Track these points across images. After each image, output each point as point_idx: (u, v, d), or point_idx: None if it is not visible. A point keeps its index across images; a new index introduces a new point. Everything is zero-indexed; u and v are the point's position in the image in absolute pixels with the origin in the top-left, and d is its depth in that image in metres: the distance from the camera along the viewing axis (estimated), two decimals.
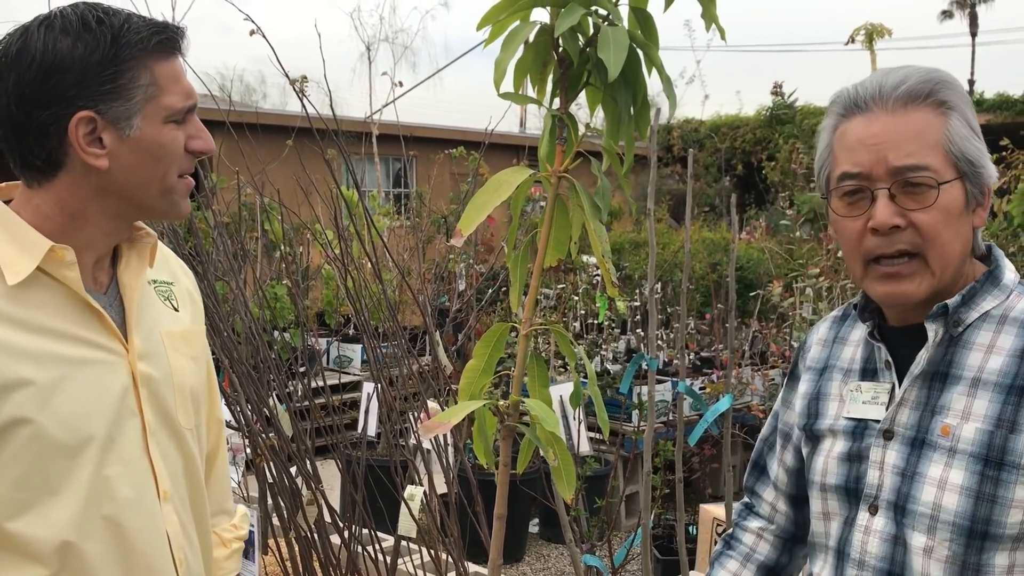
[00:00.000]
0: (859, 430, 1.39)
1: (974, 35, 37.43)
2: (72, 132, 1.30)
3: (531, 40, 1.49)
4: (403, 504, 2.87)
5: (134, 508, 1.37)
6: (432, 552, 3.06)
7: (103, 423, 1.34)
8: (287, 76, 2.93)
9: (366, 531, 3.19)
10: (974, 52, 36.32)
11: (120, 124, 1.32)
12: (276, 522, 3.24)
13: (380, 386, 3.22)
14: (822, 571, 1.43)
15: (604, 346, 6.64)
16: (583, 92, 1.57)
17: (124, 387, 1.38)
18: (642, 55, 1.48)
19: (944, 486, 1.27)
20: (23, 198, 1.36)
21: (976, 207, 1.33)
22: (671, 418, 5.59)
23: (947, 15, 39.61)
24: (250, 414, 3.03)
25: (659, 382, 5.70)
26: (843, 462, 1.39)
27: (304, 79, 3.90)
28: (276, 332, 4.69)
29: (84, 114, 1.30)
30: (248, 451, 3.24)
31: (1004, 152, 7.59)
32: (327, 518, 3.06)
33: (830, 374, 1.48)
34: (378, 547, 3.14)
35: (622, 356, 6.76)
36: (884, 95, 1.31)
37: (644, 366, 2.97)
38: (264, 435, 3.00)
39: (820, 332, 1.55)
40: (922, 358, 1.33)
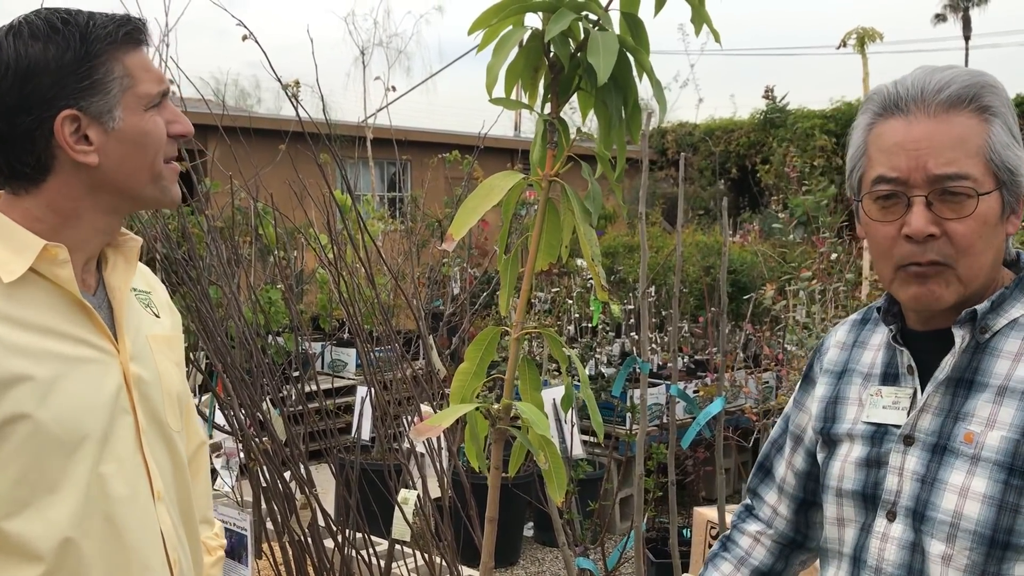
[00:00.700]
0: (878, 435, 1.36)
1: (967, 38, 37.57)
2: (58, 133, 1.32)
3: (522, 45, 1.50)
4: (397, 508, 2.87)
5: (129, 506, 1.38)
6: (426, 556, 3.06)
7: (98, 421, 1.35)
8: (279, 81, 2.93)
9: (360, 535, 3.19)
10: (967, 55, 36.45)
11: (103, 118, 1.34)
12: (270, 526, 3.24)
13: (374, 390, 3.22)
14: None
15: (598, 349, 6.65)
16: (576, 96, 1.57)
17: (117, 386, 1.40)
18: (633, 60, 1.49)
19: (966, 494, 1.24)
20: (8, 204, 1.37)
21: (1010, 215, 1.30)
22: (664, 421, 5.60)
23: (940, 18, 39.77)
24: (244, 418, 3.03)
25: (652, 385, 5.71)
26: (861, 467, 1.36)
27: (297, 83, 3.91)
28: (270, 336, 4.69)
29: (67, 113, 1.32)
30: (242, 456, 3.24)
31: None
32: (321, 522, 3.06)
33: (849, 378, 1.45)
34: (372, 551, 3.15)
35: (616, 359, 6.76)
36: (926, 98, 1.26)
37: (637, 369, 2.98)
38: (258, 439, 3.00)
39: (839, 335, 1.52)
40: (948, 363, 1.30)
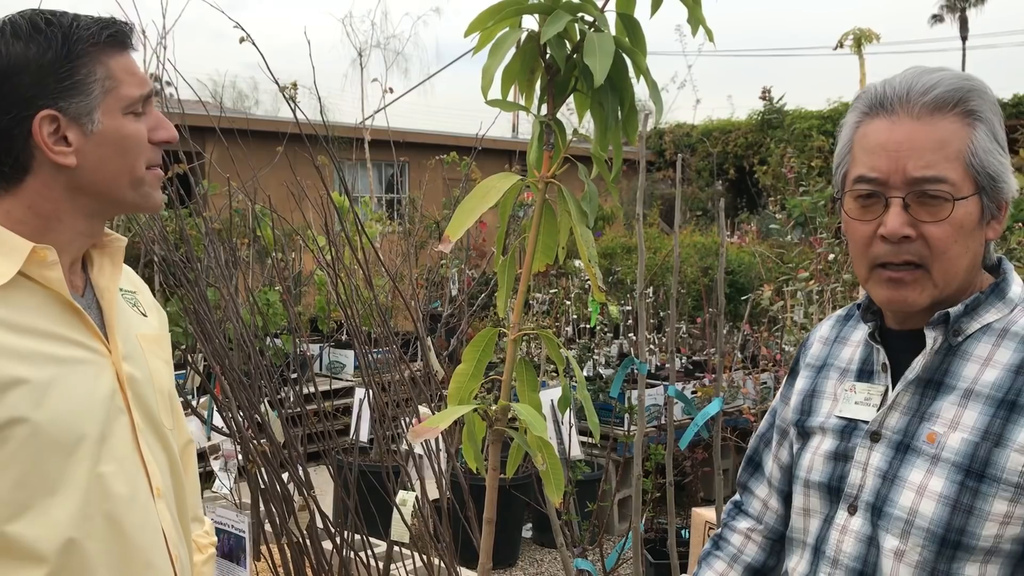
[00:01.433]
0: (848, 430, 1.39)
1: (964, 39, 37.60)
2: (36, 132, 1.31)
3: (519, 47, 1.50)
4: (395, 509, 2.87)
5: (130, 505, 1.39)
6: (424, 557, 3.06)
7: (95, 421, 1.36)
8: (277, 83, 2.94)
9: (358, 536, 3.19)
10: (964, 56, 36.48)
11: (82, 120, 1.33)
12: (268, 528, 3.24)
13: (372, 392, 3.22)
14: (797, 566, 1.44)
15: (596, 350, 6.65)
16: (572, 97, 1.58)
17: (112, 386, 1.40)
18: (629, 61, 1.49)
19: (923, 492, 1.27)
20: (1, 205, 1.36)
21: (991, 220, 1.31)
22: (662, 422, 5.60)
23: (937, 19, 39.80)
24: (242, 420, 3.03)
25: (651, 386, 5.71)
26: (829, 460, 1.39)
27: (294, 85, 3.91)
28: (268, 338, 4.69)
29: (46, 113, 1.31)
30: (240, 457, 3.24)
31: None
32: (319, 524, 3.06)
33: (827, 372, 1.48)
34: (370, 552, 3.15)
35: (614, 360, 6.76)
36: (912, 99, 1.27)
37: (635, 370, 2.98)
38: (256, 441, 3.00)
39: (823, 330, 1.55)
40: (918, 364, 1.32)
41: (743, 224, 11.93)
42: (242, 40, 2.84)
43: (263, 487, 3.05)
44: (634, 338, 7.00)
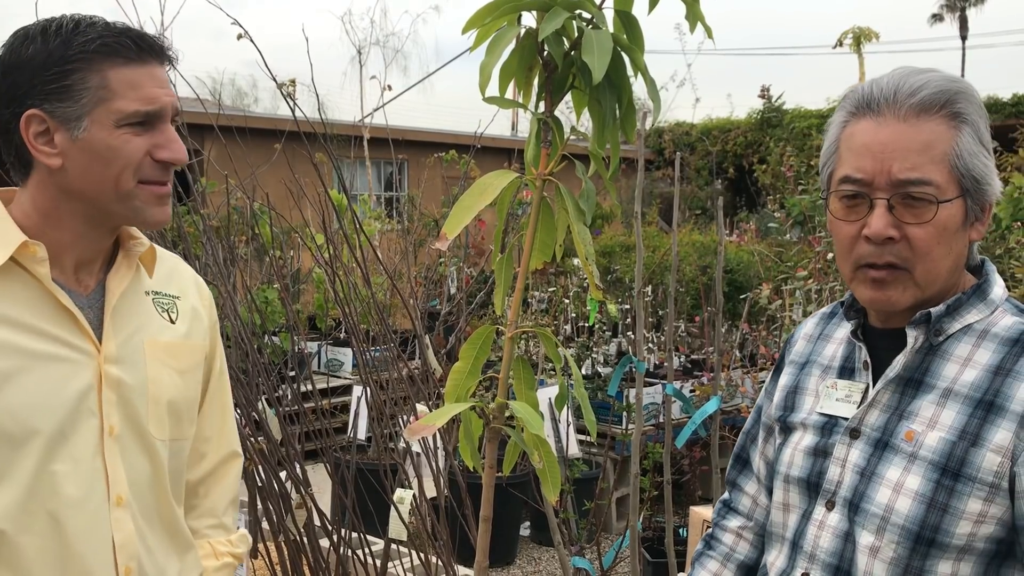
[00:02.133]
0: (828, 426, 1.40)
1: (964, 38, 37.62)
2: (23, 129, 1.34)
3: (516, 44, 1.50)
4: (393, 507, 2.87)
5: (77, 508, 1.36)
6: (422, 555, 3.06)
7: (53, 418, 1.34)
8: (275, 80, 2.93)
9: (356, 535, 3.19)
10: (964, 55, 36.50)
11: (69, 125, 1.34)
12: (266, 526, 3.24)
13: (370, 390, 3.21)
14: (776, 561, 1.45)
15: (595, 349, 6.65)
16: (570, 94, 1.57)
17: (85, 387, 1.38)
18: (627, 58, 1.49)
19: (899, 489, 1.28)
20: (17, 197, 1.42)
21: (975, 222, 1.32)
22: (660, 420, 5.60)
23: (937, 18, 39.80)
24: (239, 418, 3.03)
25: (649, 384, 5.71)
26: (808, 456, 1.41)
27: (293, 83, 3.90)
28: (266, 336, 4.69)
29: (32, 112, 1.33)
30: None
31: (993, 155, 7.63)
32: (316, 522, 3.06)
33: (810, 369, 1.49)
34: (368, 550, 3.14)
35: (612, 359, 6.76)
36: (898, 100, 1.28)
37: (633, 368, 2.98)
38: (253, 439, 2.99)
39: (807, 327, 1.56)
40: (899, 362, 1.33)
41: (742, 223, 11.93)
42: (240, 37, 2.84)
43: (260, 485, 3.05)
44: (632, 336, 7.00)
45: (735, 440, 5.38)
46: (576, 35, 1.48)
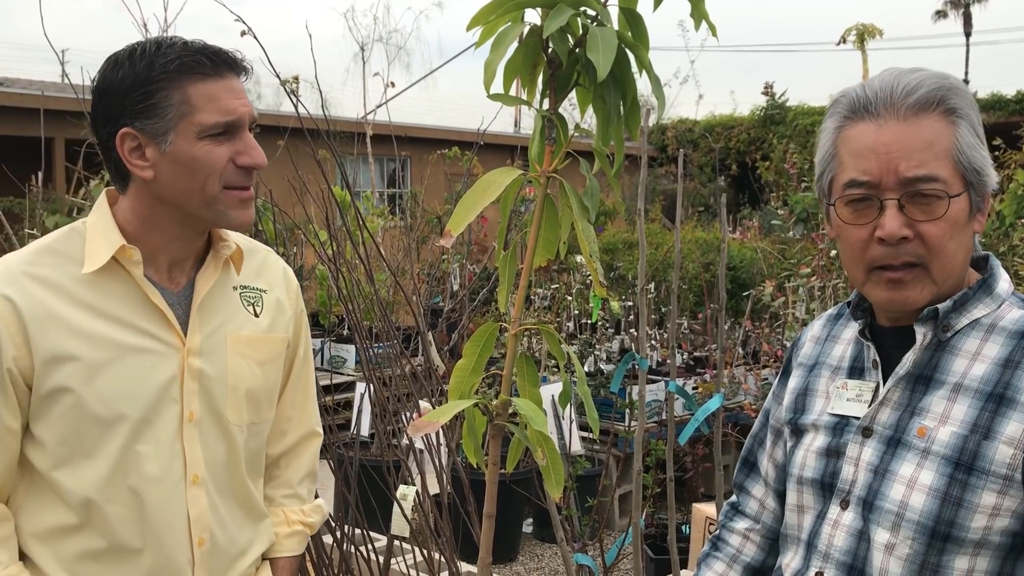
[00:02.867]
0: (840, 426, 1.40)
1: (968, 35, 37.54)
2: (118, 146, 1.50)
3: (521, 41, 1.50)
4: (396, 504, 2.88)
5: (157, 484, 1.53)
6: (425, 552, 3.07)
7: (139, 405, 1.51)
8: (278, 76, 2.93)
9: (359, 531, 3.19)
10: (968, 52, 36.44)
11: (157, 139, 1.49)
12: None
13: (373, 386, 3.22)
14: (791, 563, 1.45)
15: (598, 346, 6.65)
16: (574, 92, 1.57)
17: (170, 377, 1.54)
18: (632, 56, 1.49)
19: (913, 485, 1.28)
20: (120, 203, 1.58)
21: (976, 213, 1.33)
22: (663, 417, 5.60)
23: (941, 15, 39.69)
24: None
25: (652, 381, 5.71)
26: (821, 457, 1.41)
27: (296, 80, 3.90)
28: None
29: (125, 130, 1.49)
30: None
31: (997, 152, 7.64)
32: None
33: (819, 371, 1.49)
34: (371, 547, 3.15)
35: (615, 356, 6.76)
36: (895, 101, 1.29)
37: (635, 365, 2.98)
38: None
39: (814, 329, 1.57)
40: (908, 360, 1.34)
41: (745, 220, 11.93)
42: (243, 34, 2.84)
43: None
44: (635, 334, 7.00)
45: (738, 437, 5.40)
46: (581, 32, 1.48)
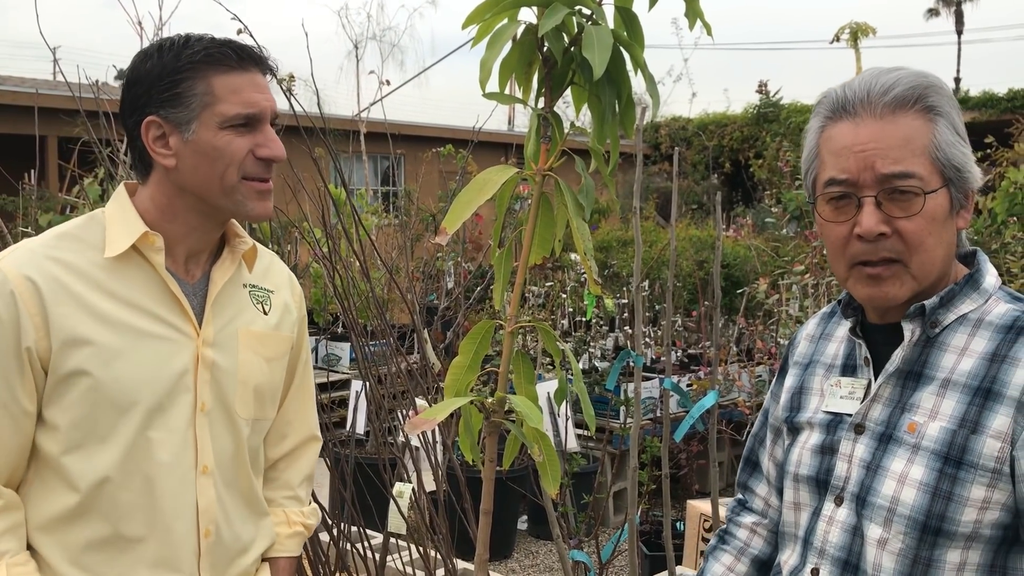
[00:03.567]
0: (834, 424, 1.41)
1: (960, 33, 37.60)
2: (143, 133, 1.52)
3: (516, 40, 1.50)
4: (392, 501, 2.88)
5: (168, 471, 1.54)
6: (421, 549, 3.07)
7: (154, 392, 1.52)
8: (274, 75, 2.93)
9: (355, 528, 3.20)
10: (960, 50, 36.49)
11: (181, 128, 1.51)
12: None
13: (368, 384, 3.22)
14: (789, 559, 1.46)
15: (592, 343, 6.66)
16: (569, 90, 1.58)
17: (184, 366, 1.55)
18: (627, 54, 1.50)
19: (904, 480, 1.29)
20: (139, 192, 1.60)
21: (960, 210, 1.34)
22: (658, 415, 5.61)
23: (933, 13, 39.75)
24: None
25: (646, 379, 5.72)
26: (816, 454, 1.42)
27: (291, 77, 3.90)
28: None
29: (150, 119, 1.51)
30: None
31: (989, 150, 7.65)
32: None
33: (813, 369, 1.51)
34: (367, 544, 3.15)
35: (610, 353, 6.77)
36: (872, 100, 1.31)
37: (631, 363, 2.99)
38: None
39: (808, 328, 1.58)
40: (897, 356, 1.35)
41: (739, 218, 11.94)
42: (239, 32, 2.84)
43: None
44: (630, 331, 7.01)
45: (732, 434, 5.40)
46: (576, 31, 1.48)
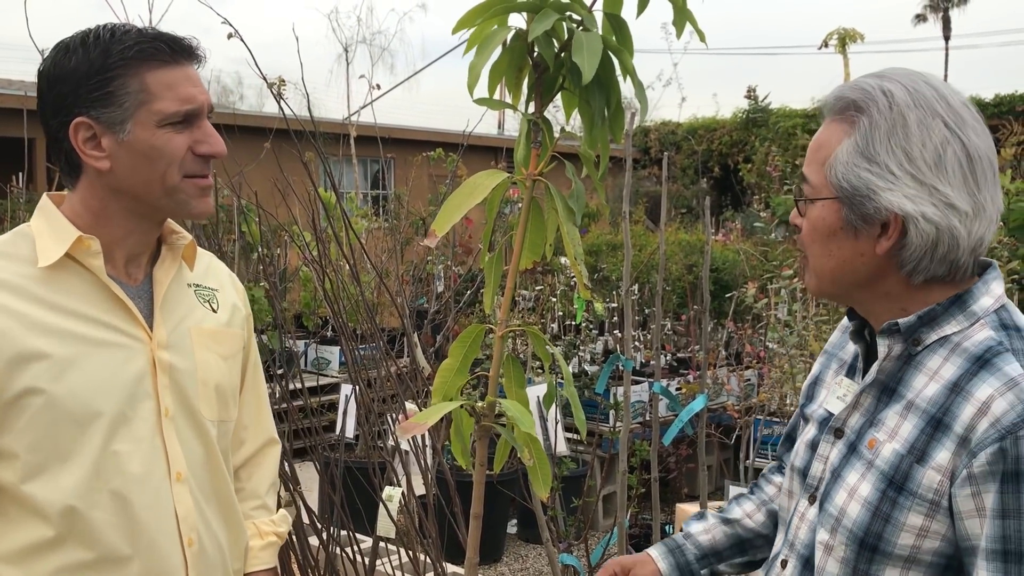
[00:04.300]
0: (824, 422, 1.43)
1: (947, 39, 37.81)
2: (72, 136, 1.43)
3: (506, 45, 1.51)
4: (381, 505, 2.88)
5: (141, 484, 1.47)
6: (410, 553, 3.07)
7: (113, 401, 1.45)
8: (264, 78, 2.93)
9: (344, 532, 3.19)
10: (947, 56, 36.69)
11: (115, 128, 1.43)
12: None
13: (358, 388, 3.22)
14: (776, 544, 1.50)
15: (582, 347, 6.66)
16: (559, 95, 1.58)
17: (141, 371, 1.49)
18: (616, 60, 1.50)
19: (853, 494, 1.30)
20: (66, 200, 1.53)
21: (878, 236, 1.26)
22: (647, 418, 5.62)
23: (921, 19, 39.98)
24: None
25: (636, 383, 5.73)
26: (808, 449, 1.44)
27: (281, 81, 3.90)
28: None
29: (80, 120, 1.43)
30: None
31: None
32: (305, 519, 3.06)
33: (830, 362, 1.53)
34: (356, 548, 3.15)
35: (600, 357, 6.78)
36: (827, 103, 1.34)
37: (620, 367, 3.00)
38: None
39: (845, 319, 1.54)
40: (873, 369, 1.34)
41: (728, 222, 11.97)
42: (230, 36, 2.84)
43: None
44: (619, 335, 7.02)
45: (721, 438, 5.39)
46: (566, 36, 1.49)
